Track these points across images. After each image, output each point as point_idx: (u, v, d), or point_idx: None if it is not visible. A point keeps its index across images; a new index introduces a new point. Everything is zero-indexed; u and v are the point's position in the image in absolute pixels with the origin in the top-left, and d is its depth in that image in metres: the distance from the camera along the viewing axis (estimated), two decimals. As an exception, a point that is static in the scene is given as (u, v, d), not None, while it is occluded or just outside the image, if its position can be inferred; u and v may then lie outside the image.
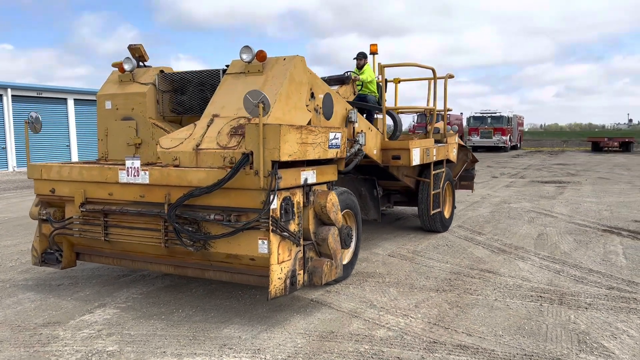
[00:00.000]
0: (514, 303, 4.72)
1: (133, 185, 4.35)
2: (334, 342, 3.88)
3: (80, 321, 4.34)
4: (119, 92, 5.20)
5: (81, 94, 24.80)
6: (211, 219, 4.04)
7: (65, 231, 4.84)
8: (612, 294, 4.97)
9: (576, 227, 8.23)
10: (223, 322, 4.27)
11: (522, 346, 3.81)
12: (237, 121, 4.27)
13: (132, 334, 4.06)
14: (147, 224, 4.39)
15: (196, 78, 4.96)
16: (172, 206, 4.10)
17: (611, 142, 33.66)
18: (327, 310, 4.55)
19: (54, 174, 4.76)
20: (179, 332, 4.09)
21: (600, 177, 16.77)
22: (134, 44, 5.55)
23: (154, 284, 5.34)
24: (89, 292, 5.11)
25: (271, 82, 4.40)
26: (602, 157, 28.80)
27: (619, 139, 34.34)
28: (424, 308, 4.60)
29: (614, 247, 6.90)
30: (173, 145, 4.39)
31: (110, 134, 5.19)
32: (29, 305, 4.76)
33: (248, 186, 3.86)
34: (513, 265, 5.99)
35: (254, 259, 4.03)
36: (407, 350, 3.74)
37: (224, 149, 4.15)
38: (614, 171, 19.00)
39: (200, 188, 3.98)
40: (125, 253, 4.70)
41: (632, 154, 31.63)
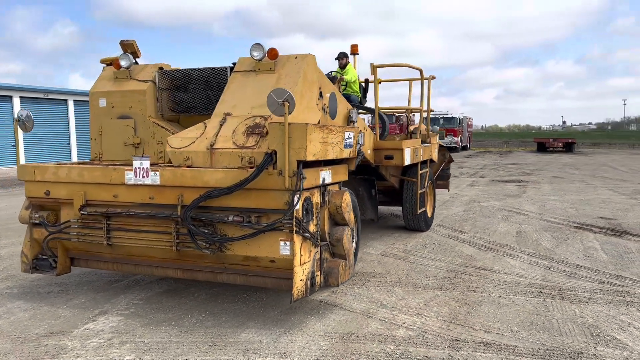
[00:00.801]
0: (519, 299, 4.83)
1: (141, 187, 4.17)
2: (357, 344, 3.85)
3: (85, 330, 4.12)
4: (114, 90, 4.97)
5: (80, 95, 25.87)
6: (230, 221, 3.92)
7: (60, 235, 4.58)
8: (605, 288, 5.16)
9: (549, 225, 8.52)
10: (238, 327, 4.16)
11: (540, 341, 3.90)
12: (253, 120, 4.17)
13: (147, 342, 3.89)
14: (156, 227, 4.22)
15: (201, 76, 4.80)
16: (188, 208, 3.95)
17: (556, 142, 35.15)
18: (340, 312, 4.51)
19: (49, 175, 4.50)
20: (195, 338, 3.96)
21: (554, 176, 17.45)
22: (126, 40, 5.32)
23: (152, 289, 5.14)
24: (84, 299, 4.87)
25: (284, 80, 4.32)
26: (550, 157, 30.02)
27: (563, 139, 35.91)
28: (434, 307, 4.63)
29: (591, 243, 7.18)
30: (184, 144, 4.24)
31: (105, 134, 4.96)
32: (23, 314, 4.48)
33: (271, 186, 3.78)
34: (504, 263, 6.13)
35: (274, 261, 3.95)
36: (433, 349, 3.76)
37: (242, 149, 4.04)
38: (565, 170, 19.83)
39: (219, 189, 3.86)
40: (128, 258, 4.50)
41: (575, 154, 33.14)
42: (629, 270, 5.81)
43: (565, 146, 34.92)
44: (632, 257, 6.39)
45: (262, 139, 4.03)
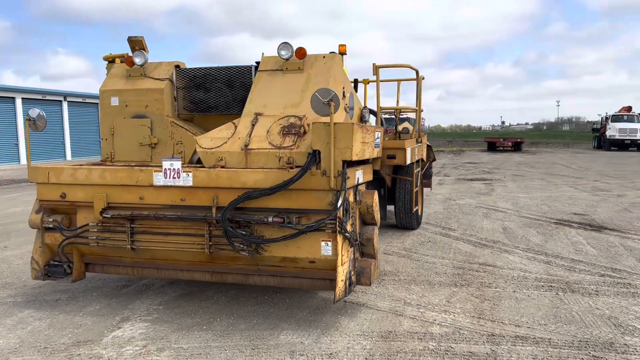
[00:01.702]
0: (533, 293, 4.99)
1: (171, 188, 4.05)
2: (399, 342, 3.88)
3: (114, 338, 3.96)
4: (128, 88, 4.78)
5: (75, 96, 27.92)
6: (270, 222, 3.87)
7: (77, 240, 4.39)
8: (607, 281, 5.41)
9: (530, 221, 8.83)
10: (272, 329, 4.11)
11: (570, 333, 4.05)
12: (287, 120, 4.12)
13: (185, 348, 3.78)
14: (186, 229, 4.10)
15: (223, 75, 4.69)
16: (226, 209, 3.87)
17: (506, 142, 36.42)
18: (368, 311, 4.53)
19: (65, 177, 4.29)
20: (233, 342, 3.88)
21: (513, 174, 18.09)
22: (134, 36, 5.14)
23: (166, 294, 5.00)
24: (98, 305, 4.68)
25: (314, 80, 4.30)
26: (501, 155, 31.07)
27: (512, 139, 37.25)
28: (457, 303, 4.73)
29: (575, 238, 7.49)
30: (216, 145, 4.14)
31: (117, 133, 4.77)
32: (39, 324, 4.26)
33: (314, 187, 3.75)
34: (504, 258, 6.31)
35: (314, 262, 3.92)
36: (474, 345, 3.84)
37: (279, 149, 3.99)
38: (521, 169, 20.58)
39: (260, 189, 3.80)
40: (152, 261, 4.36)
41: (523, 153, 34.46)
42: (620, 262, 6.10)
43: (514, 145, 36.24)
44: (618, 250, 6.71)
45: (299, 139, 4.00)
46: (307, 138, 3.99)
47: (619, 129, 35.75)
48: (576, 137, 71.18)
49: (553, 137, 73.09)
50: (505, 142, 36.40)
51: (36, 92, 26.18)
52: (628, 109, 38.33)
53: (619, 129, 35.75)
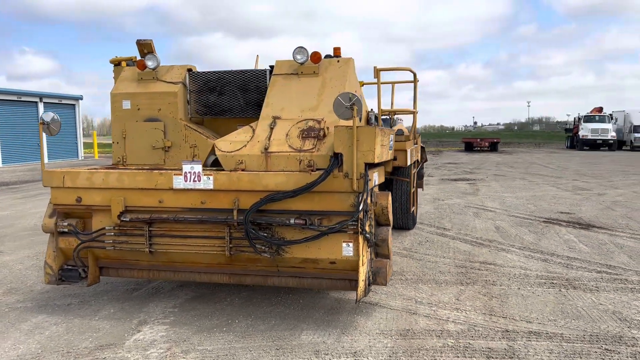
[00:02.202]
0: (537, 290, 5.15)
1: (191, 191, 4.08)
2: (419, 340, 3.98)
3: (136, 341, 3.98)
4: (140, 91, 4.78)
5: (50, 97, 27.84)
6: (292, 224, 3.93)
7: (93, 244, 4.38)
8: (605, 277, 5.61)
9: (520, 220, 9.06)
10: (292, 329, 4.17)
11: (580, 328, 4.21)
12: (306, 123, 4.19)
13: (210, 349, 3.82)
14: (206, 232, 4.14)
15: (237, 78, 4.73)
16: (249, 211, 3.92)
17: (483, 142, 37.02)
18: (381, 310, 4.62)
19: (81, 181, 4.29)
20: (256, 343, 3.93)
21: (495, 174, 18.43)
22: (143, 39, 5.14)
23: (178, 296, 5.01)
24: (112, 309, 4.68)
25: (330, 84, 4.37)
26: (479, 156, 31.57)
27: (489, 139, 37.87)
28: (466, 301, 4.85)
29: (567, 236, 7.72)
30: (235, 148, 4.18)
31: (130, 137, 4.76)
32: (56, 329, 4.24)
33: (336, 189, 3.83)
34: (502, 257, 6.48)
35: (334, 262, 4.00)
36: (490, 341, 3.96)
37: (299, 152, 4.06)
38: (501, 169, 20.98)
39: (283, 192, 3.86)
40: (169, 264, 4.37)
41: (500, 153, 35.07)
42: (614, 259, 6.32)
43: (491, 145, 36.86)
44: (609, 248, 6.95)
45: (319, 142, 4.07)
46: (327, 141, 4.07)
47: (591, 129, 36.67)
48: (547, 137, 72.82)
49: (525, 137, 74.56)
50: (482, 143, 36.99)
51: (10, 93, 25.62)
52: (599, 110, 39.34)
53: (591, 129, 36.67)
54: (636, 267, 5.99)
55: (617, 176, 17.18)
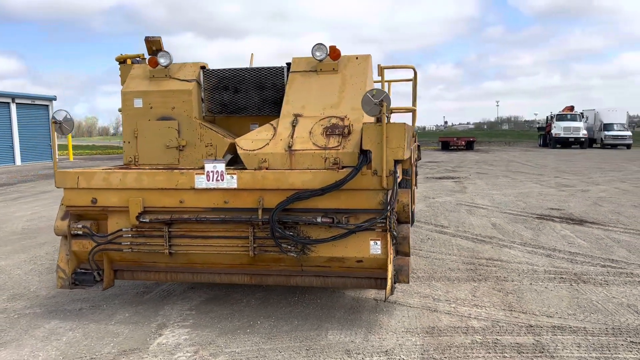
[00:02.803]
0: (549, 285, 5.21)
1: (214, 191, 3.99)
2: (446, 337, 3.97)
3: (160, 345, 3.88)
4: (153, 89, 4.65)
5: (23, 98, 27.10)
6: (318, 222, 3.88)
7: (108, 246, 4.26)
8: (611, 271, 5.70)
9: (514, 217, 9.17)
10: (316, 329, 4.12)
11: (601, 321, 4.26)
12: (329, 121, 4.14)
13: (238, 351, 3.75)
14: (229, 232, 4.06)
15: (254, 76, 4.64)
16: (275, 210, 3.85)
17: (459, 141, 37.45)
18: (402, 308, 4.60)
19: (97, 181, 4.15)
20: (284, 344, 3.87)
21: (477, 172, 18.65)
22: (151, 37, 5.02)
23: (192, 299, 4.91)
24: (127, 313, 4.55)
25: (350, 81, 4.33)
26: (456, 154, 31.92)
27: (465, 138, 38.33)
28: (483, 297, 4.87)
29: (563, 232, 7.84)
30: (258, 146, 4.11)
31: (142, 136, 4.64)
32: (73, 334, 4.11)
33: (364, 186, 3.79)
34: (506, 253, 6.54)
35: (361, 261, 3.96)
36: (517, 336, 3.98)
37: (324, 149, 4.00)
38: (482, 167, 21.24)
39: (311, 190, 3.81)
40: (188, 266, 4.28)
41: (476, 151, 35.54)
42: (614, 254, 6.44)
43: (467, 144, 37.32)
44: (607, 242, 7.08)
45: (344, 139, 4.03)
46: (352, 138, 4.03)
47: (564, 128, 37.44)
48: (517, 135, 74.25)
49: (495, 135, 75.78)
50: (458, 142, 37.42)
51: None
52: (571, 109, 40.20)
53: (564, 128, 37.44)
54: (637, 260, 6.11)
55: (595, 173, 17.56)
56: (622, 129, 37.74)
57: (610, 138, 37.27)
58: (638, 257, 6.29)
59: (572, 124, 37.65)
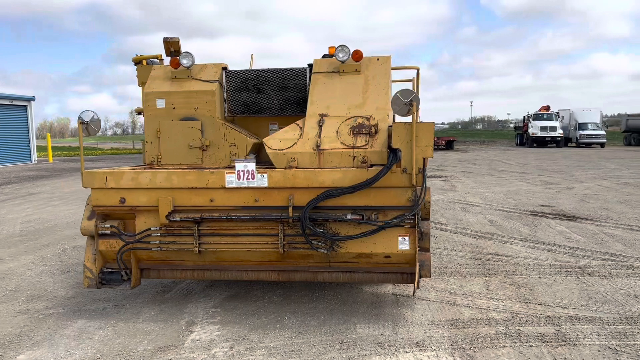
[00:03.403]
0: (557, 278, 5.40)
1: (244, 190, 4.07)
2: (471, 328, 4.12)
3: (194, 342, 3.94)
4: (175, 90, 4.70)
5: None
6: (348, 219, 3.99)
7: (137, 245, 4.30)
8: (612, 264, 5.94)
9: (508, 214, 9.41)
10: (344, 324, 4.23)
11: (613, 311, 4.46)
12: (355, 120, 4.25)
13: (274, 346, 3.84)
14: (258, 230, 4.14)
15: (276, 77, 4.73)
16: (306, 208, 3.95)
17: (440, 140, 37.93)
18: (421, 302, 4.74)
19: (126, 181, 4.20)
20: (316, 338, 3.97)
21: (462, 171, 18.98)
22: (170, 37, 5.07)
23: (213, 297, 4.97)
24: (152, 312, 4.60)
25: (373, 82, 4.45)
26: (438, 154, 32.32)
27: (445, 138, 38.86)
28: (497, 290, 5.04)
29: (559, 228, 8.09)
30: (286, 146, 4.20)
31: (165, 136, 4.68)
32: (104, 333, 4.14)
33: (393, 184, 3.91)
34: (509, 248, 6.74)
35: (389, 256, 4.09)
36: (537, 326, 4.15)
37: (352, 148, 4.12)
38: (465, 166, 21.61)
39: (342, 188, 3.92)
40: (217, 264, 4.35)
41: (456, 150, 36.07)
42: (612, 248, 6.70)
43: (447, 144, 37.84)
44: (602, 237, 7.34)
45: (371, 139, 4.14)
46: (379, 137, 4.15)
47: (541, 127, 38.23)
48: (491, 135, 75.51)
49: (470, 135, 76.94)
50: (439, 141, 37.90)
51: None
52: (547, 108, 41.05)
53: (541, 127, 38.23)
54: (635, 254, 6.36)
55: (576, 171, 18.03)
56: (596, 128, 38.70)
57: (585, 137, 38.18)
58: (634, 250, 6.54)
59: (549, 123, 38.46)
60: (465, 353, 3.68)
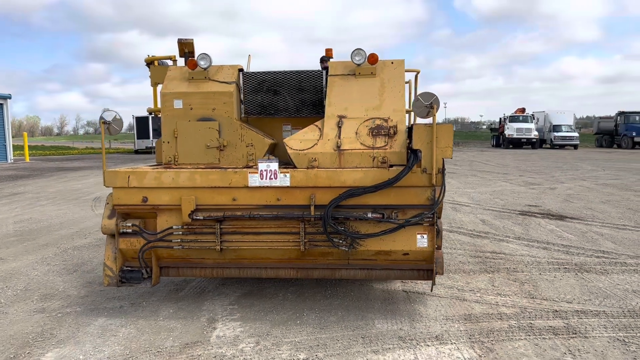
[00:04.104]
0: (557, 275, 5.63)
1: (267, 189, 4.17)
2: (485, 323, 4.29)
3: (220, 338, 4.02)
4: (193, 91, 4.76)
5: None
6: (369, 218, 4.12)
7: (157, 244, 4.36)
8: (606, 261, 6.20)
9: (498, 213, 9.67)
10: (361, 320, 4.35)
11: (616, 305, 4.68)
12: (373, 122, 4.38)
13: (298, 341, 3.94)
14: (280, 228, 4.24)
15: (293, 78, 4.83)
16: (329, 207, 4.07)
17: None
18: (432, 298, 4.90)
19: (149, 180, 4.25)
20: (338, 333, 4.09)
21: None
22: (184, 38, 5.12)
23: (227, 294, 5.04)
24: (171, 309, 4.66)
25: (389, 85, 4.59)
26: (417, 154, 32.70)
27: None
28: (502, 287, 5.23)
29: (549, 227, 8.36)
30: (307, 146, 4.30)
31: (182, 136, 4.74)
32: (127, 330, 4.19)
33: (414, 183, 4.06)
34: (506, 247, 6.96)
35: (407, 254, 4.23)
36: (547, 320, 4.34)
37: (372, 149, 4.24)
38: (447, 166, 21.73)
39: (364, 187, 4.04)
40: (237, 261, 4.43)
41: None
42: (602, 245, 6.97)
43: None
44: (592, 236, 7.62)
45: (391, 140, 4.28)
46: (398, 138, 4.28)
47: (517, 129, 39.04)
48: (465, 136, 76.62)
49: (446, 136, 77.70)
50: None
51: None
52: (522, 110, 41.92)
53: (517, 129, 39.04)
54: (625, 251, 6.64)
55: (555, 172, 18.51)
56: (569, 130, 39.67)
57: (559, 139, 39.10)
58: (624, 248, 6.82)
59: (524, 125, 39.28)
60: (484, 346, 3.84)
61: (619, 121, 39.22)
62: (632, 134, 37.30)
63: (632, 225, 8.40)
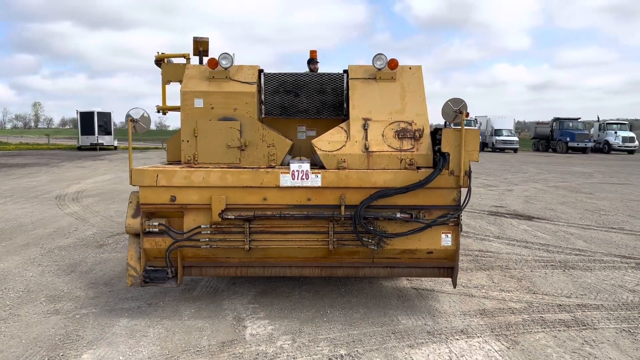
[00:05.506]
0: (547, 272, 5.99)
1: (298, 189, 4.25)
2: (500, 317, 4.54)
3: (253, 336, 4.06)
4: (214, 90, 4.74)
5: None
6: (397, 217, 4.28)
7: (184, 243, 4.34)
8: (585, 259, 6.64)
9: (469, 214, 10.06)
10: (383, 317, 4.50)
11: (609, 299, 5.06)
12: (398, 125, 4.53)
13: (333, 338, 4.05)
14: (309, 227, 4.33)
15: (315, 80, 4.89)
16: (360, 207, 4.20)
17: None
18: (442, 295, 5.12)
19: (178, 179, 4.23)
20: (368, 329, 4.22)
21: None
22: (199, 37, 5.09)
23: (243, 294, 5.07)
24: (192, 309, 4.64)
25: (409, 89, 4.76)
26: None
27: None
28: (503, 283, 5.52)
29: (522, 227, 8.81)
30: (335, 148, 4.40)
31: (202, 135, 4.71)
32: (156, 331, 4.16)
33: (441, 185, 4.25)
34: (490, 246, 7.31)
35: (431, 252, 4.41)
36: (555, 314, 4.65)
37: (400, 151, 4.40)
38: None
39: (395, 188, 4.19)
40: (263, 260, 4.47)
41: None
42: (576, 244, 7.45)
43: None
44: (563, 235, 8.11)
45: (416, 142, 4.45)
46: (423, 141, 4.46)
47: (461, 132, 40.29)
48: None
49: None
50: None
51: None
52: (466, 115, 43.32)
53: (461, 132, 40.29)
54: (598, 249, 7.12)
55: (505, 174, 19.35)
56: (510, 135, 41.44)
57: (500, 142, 40.76)
58: (596, 246, 7.31)
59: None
60: (509, 339, 4.07)
61: (554, 127, 41.34)
62: (567, 139, 39.41)
63: (595, 225, 8.98)
